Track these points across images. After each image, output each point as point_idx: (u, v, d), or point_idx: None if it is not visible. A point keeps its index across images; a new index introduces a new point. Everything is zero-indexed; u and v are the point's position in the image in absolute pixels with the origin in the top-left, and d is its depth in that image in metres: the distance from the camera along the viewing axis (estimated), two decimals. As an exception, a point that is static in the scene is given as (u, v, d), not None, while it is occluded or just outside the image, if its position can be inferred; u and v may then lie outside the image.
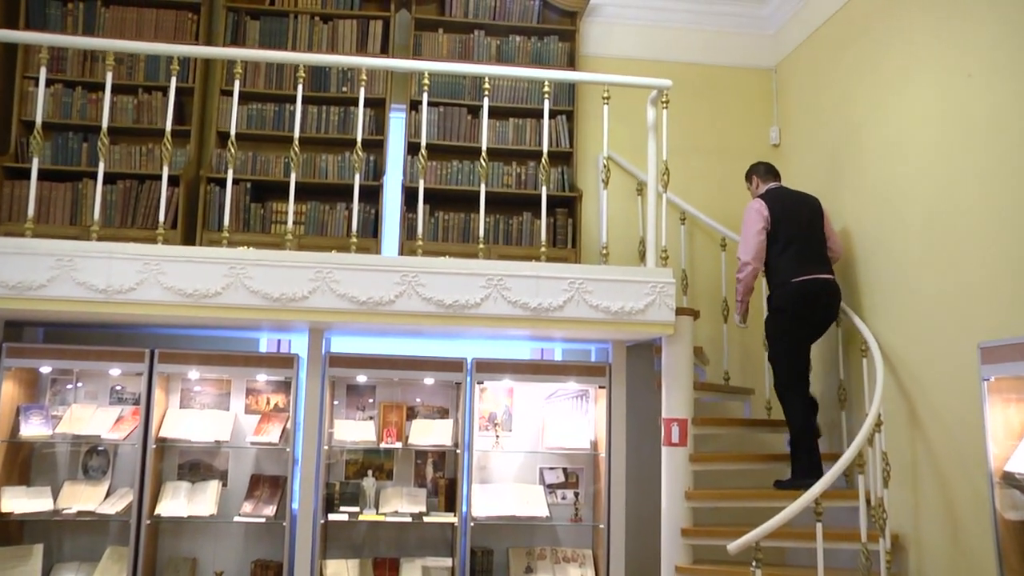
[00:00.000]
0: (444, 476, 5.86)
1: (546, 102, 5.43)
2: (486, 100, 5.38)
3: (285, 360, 5.69)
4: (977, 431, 3.98)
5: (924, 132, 5.03)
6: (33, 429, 5.44)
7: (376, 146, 6.38)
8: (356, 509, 5.62)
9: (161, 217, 5.07)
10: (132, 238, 5.55)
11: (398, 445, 5.71)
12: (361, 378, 5.88)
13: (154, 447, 5.44)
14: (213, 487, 5.59)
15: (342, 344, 6.02)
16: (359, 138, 5.28)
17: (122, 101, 6.25)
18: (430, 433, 5.77)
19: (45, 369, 5.63)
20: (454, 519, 5.59)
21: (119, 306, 4.84)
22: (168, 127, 5.15)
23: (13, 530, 5.45)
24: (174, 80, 5.18)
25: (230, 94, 5.76)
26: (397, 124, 6.64)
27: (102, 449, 5.66)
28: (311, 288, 4.95)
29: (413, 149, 6.25)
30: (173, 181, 5.97)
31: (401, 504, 5.63)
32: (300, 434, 5.52)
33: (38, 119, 4.97)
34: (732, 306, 6.07)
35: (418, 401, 5.95)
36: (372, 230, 6.26)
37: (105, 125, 5.06)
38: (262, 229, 6.23)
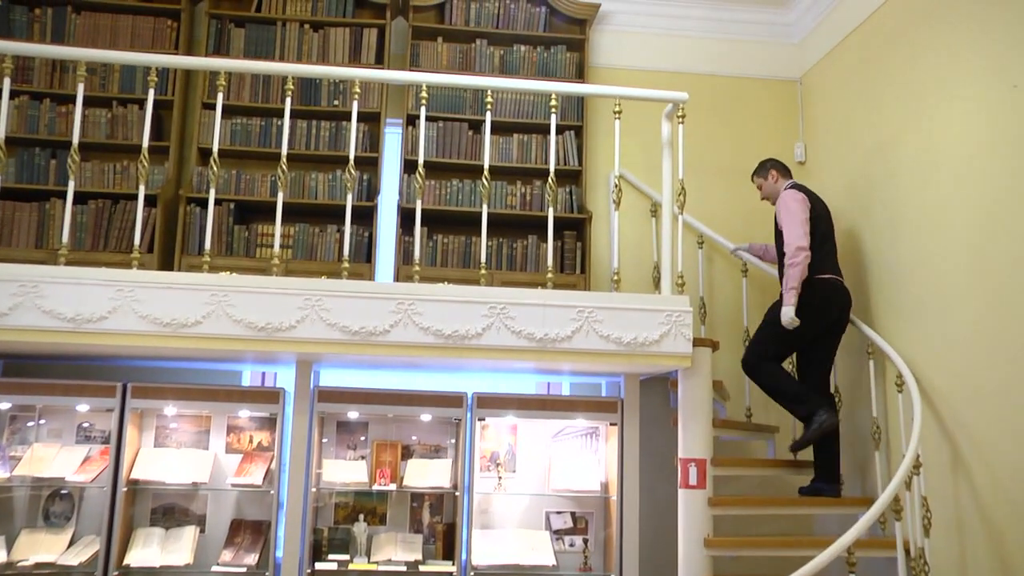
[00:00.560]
0: (442, 521, 5.79)
1: (553, 116, 5.40)
2: (489, 114, 5.35)
3: (270, 395, 5.63)
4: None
5: (964, 148, 4.99)
6: (-12, 471, 5.36)
7: (370, 164, 6.39)
8: (346, 557, 5.56)
9: (136, 240, 5.01)
10: (104, 263, 5.52)
11: (392, 487, 5.66)
12: (352, 414, 5.83)
13: (125, 490, 5.37)
14: (189, 533, 5.50)
15: (332, 377, 6.00)
16: (352, 155, 5.26)
17: (94, 114, 6.24)
18: (427, 474, 5.72)
19: (4, 405, 5.54)
20: (452, 568, 5.53)
21: (89, 336, 4.77)
22: (145, 143, 5.09)
23: (-40, 586, 5.35)
24: (152, 92, 5.14)
25: (212, 107, 5.73)
26: (393, 140, 6.66)
27: (66, 493, 5.56)
28: (299, 317, 4.90)
29: (410, 167, 6.25)
30: (150, 201, 5.96)
31: (395, 552, 5.57)
32: (285, 475, 5.47)
33: (1, 134, 4.92)
34: (750, 328, 6.04)
35: (414, 439, 5.90)
36: (365, 254, 6.26)
37: (76, 140, 5.02)
38: (246, 253, 6.23)
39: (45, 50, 5.69)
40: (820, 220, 5.54)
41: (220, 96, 5.23)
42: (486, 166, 5.26)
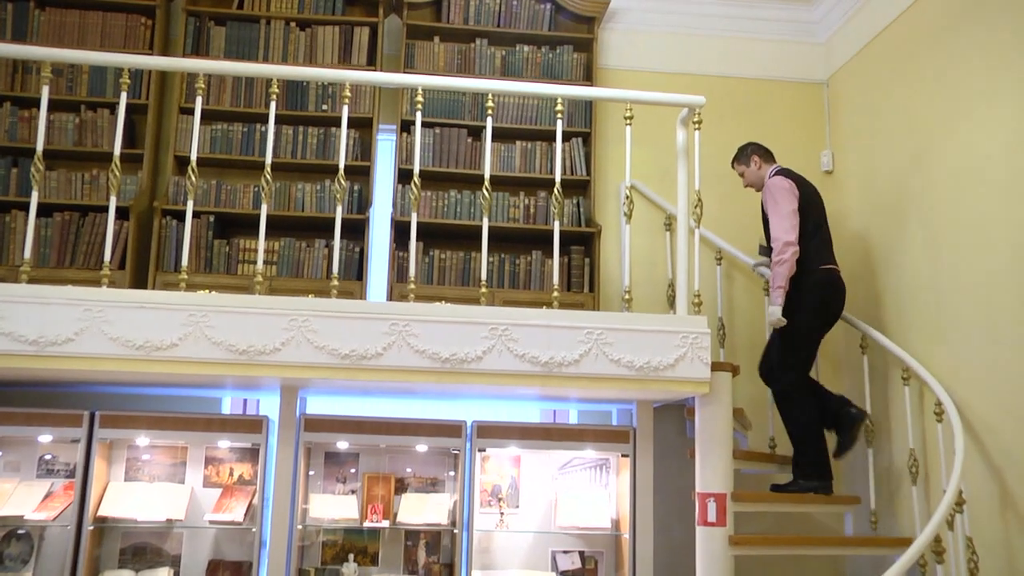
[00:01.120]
0: (439, 561, 5.75)
1: (559, 122, 5.39)
2: (489, 120, 5.33)
3: (252, 423, 5.60)
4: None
5: (1009, 157, 4.96)
6: (-63, 510, 5.32)
7: (361, 173, 6.41)
8: (334, 601, 5.54)
9: (107, 256, 4.96)
10: (71, 280, 5.53)
11: (385, 524, 5.64)
12: (342, 444, 5.81)
13: (91, 528, 5.32)
14: (163, 576, 5.47)
15: (320, 405, 6.00)
16: (341, 164, 5.22)
17: (61, 120, 6.25)
18: (423, 510, 5.69)
19: (-45, 437, 5.54)
20: (451, 614, 5.52)
21: (53, 360, 4.73)
22: (116, 150, 5.07)
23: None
24: (124, 96, 5.11)
25: (190, 112, 5.72)
26: (386, 148, 6.69)
27: (24, 532, 5.49)
28: (284, 339, 4.88)
29: (404, 177, 6.26)
30: (121, 214, 5.95)
31: (388, 595, 5.55)
32: (269, 511, 5.45)
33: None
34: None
35: (409, 472, 5.88)
36: (356, 271, 6.28)
37: (40, 148, 4.99)
38: (227, 270, 6.23)
39: (6, 49, 5.59)
40: (811, 207, 5.60)
41: (199, 100, 5.20)
42: (487, 176, 5.23)
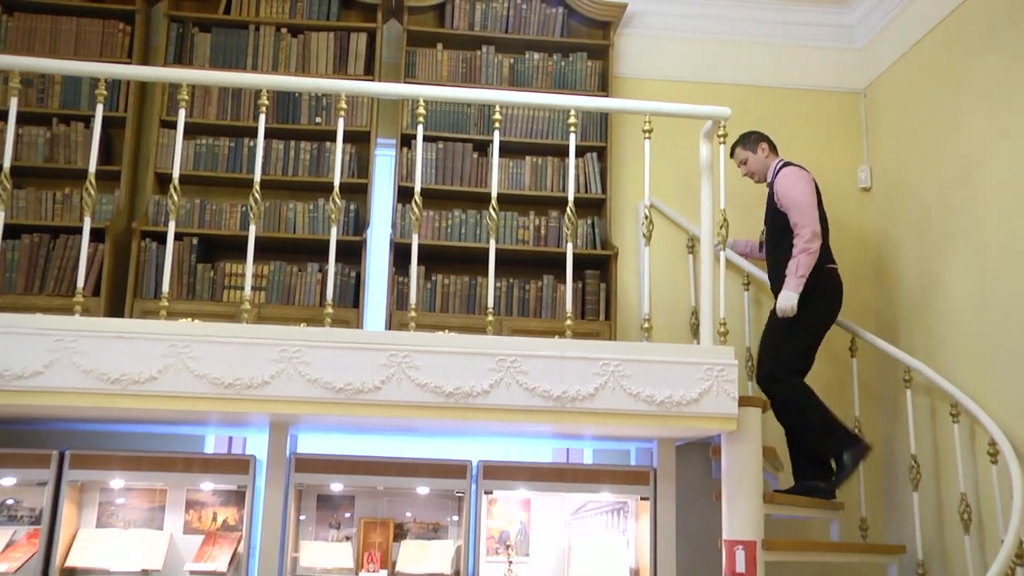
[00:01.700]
0: None
1: (572, 136, 5.38)
2: (497, 134, 5.34)
3: (238, 464, 5.58)
4: None
5: None
6: None
7: (358, 192, 6.43)
8: (327, 659, 5.53)
9: (80, 281, 4.95)
10: (41, 308, 5.54)
11: (383, 573, 5.60)
12: (336, 486, 5.77)
13: None
14: (138, 631, 5.48)
15: (312, 443, 5.98)
16: (337, 181, 5.23)
17: (31, 134, 6.29)
18: (424, 558, 5.66)
19: (-94, 481, 5.52)
20: (454, 673, 5.51)
21: (19, 395, 4.71)
22: (92, 167, 5.07)
23: None
24: (100, 108, 5.12)
25: (173, 126, 5.77)
26: (385, 164, 6.72)
27: (-19, 586, 5.51)
28: (274, 371, 4.86)
29: (405, 195, 6.27)
30: (96, 235, 5.96)
31: (385, 653, 5.55)
32: (255, 560, 5.42)
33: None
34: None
35: (409, 516, 5.85)
36: (352, 298, 6.29)
37: (7, 164, 5.00)
38: (211, 296, 6.25)
39: (-30, 58, 5.71)
40: (821, 203, 5.79)
41: (182, 112, 5.20)
42: (494, 194, 5.24)
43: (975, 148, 5.68)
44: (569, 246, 5.24)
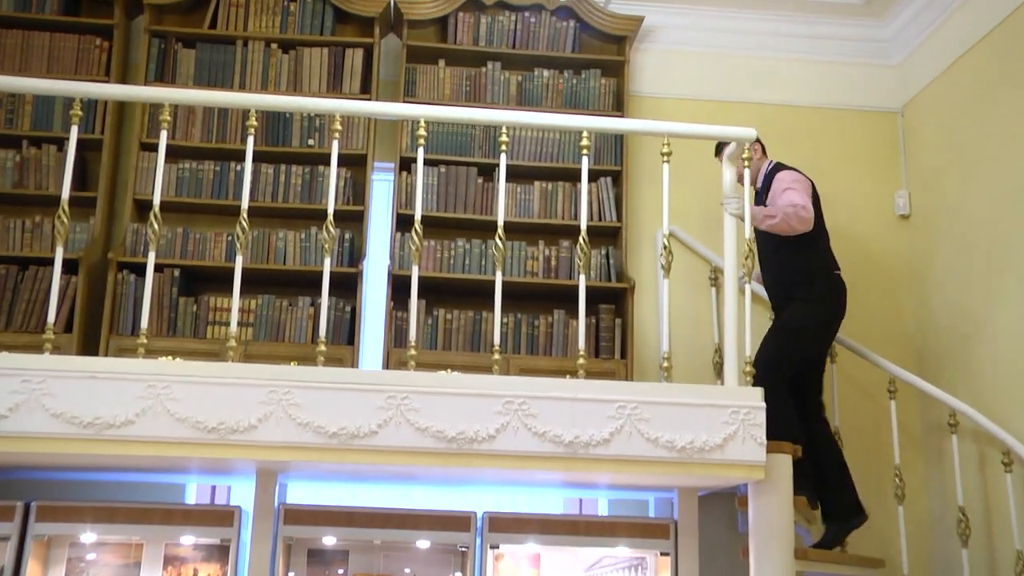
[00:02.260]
0: None
1: (584, 159, 5.37)
2: (503, 157, 5.33)
3: (222, 515, 5.55)
4: None
5: None
6: None
7: (354, 219, 6.47)
8: None
9: (51, 316, 4.96)
10: (6, 346, 5.52)
11: None
12: (328, 540, 5.73)
13: None
14: None
15: (302, 493, 6.02)
16: (331, 209, 5.21)
17: None
18: None
19: None
20: None
21: (-18, 442, 4.78)
22: (65, 192, 5.07)
23: None
24: (75, 130, 5.11)
25: (153, 149, 5.73)
26: (382, 190, 6.75)
27: (-65, 656, 5.47)
28: (261, 414, 4.84)
29: (404, 223, 6.30)
30: (70, 267, 5.97)
31: None
32: None
33: None
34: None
35: (407, 573, 5.82)
36: (347, 335, 6.31)
37: None
38: (194, 333, 6.26)
39: (-65, 77, 5.75)
40: (818, 207, 5.78)
41: (163, 135, 5.20)
42: (500, 222, 5.22)
43: None
44: (582, 278, 5.22)
